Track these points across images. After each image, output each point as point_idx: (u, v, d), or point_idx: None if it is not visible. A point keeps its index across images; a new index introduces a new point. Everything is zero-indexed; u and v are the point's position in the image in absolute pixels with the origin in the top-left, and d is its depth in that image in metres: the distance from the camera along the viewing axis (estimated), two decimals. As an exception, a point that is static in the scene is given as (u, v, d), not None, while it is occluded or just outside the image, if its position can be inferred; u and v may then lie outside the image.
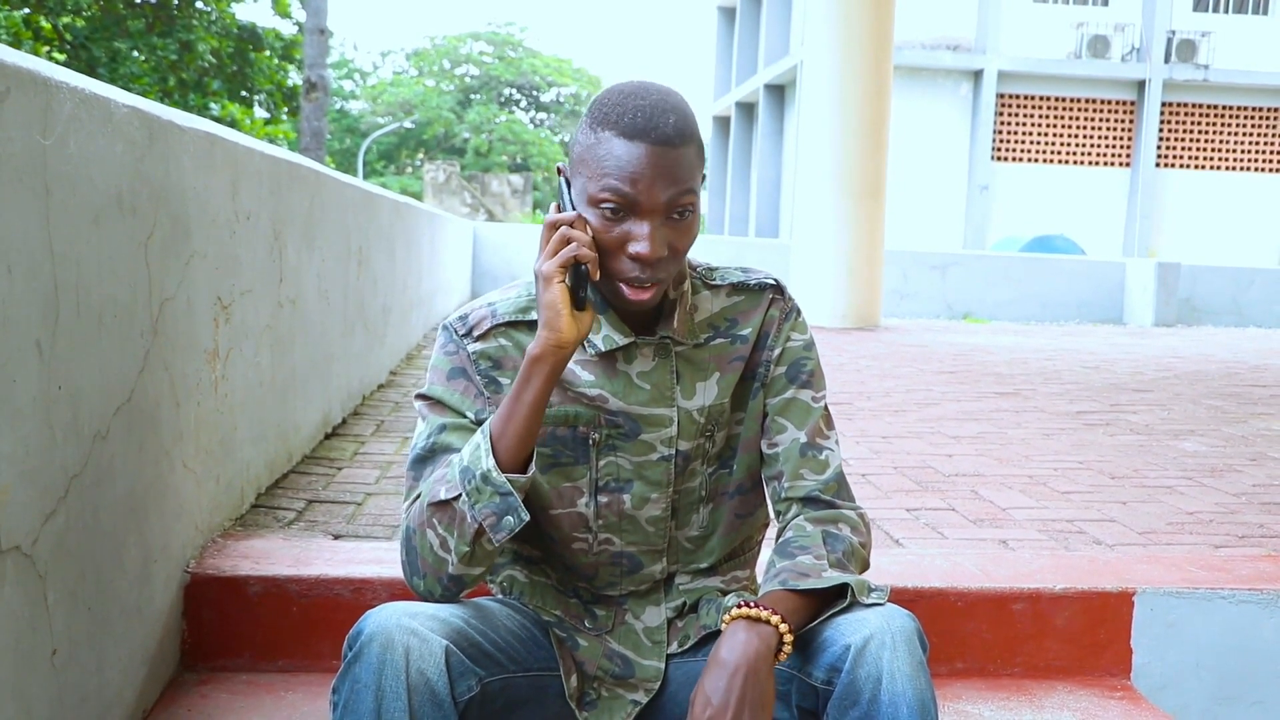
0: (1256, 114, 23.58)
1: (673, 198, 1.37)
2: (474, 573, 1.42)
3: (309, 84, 16.28)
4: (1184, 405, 5.07)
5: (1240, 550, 2.57)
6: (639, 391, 1.49)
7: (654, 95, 1.39)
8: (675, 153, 1.36)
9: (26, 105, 1.31)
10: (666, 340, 1.49)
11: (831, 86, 8.86)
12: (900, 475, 3.30)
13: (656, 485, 1.52)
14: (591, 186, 1.37)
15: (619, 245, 1.37)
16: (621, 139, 1.36)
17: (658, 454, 1.51)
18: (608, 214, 1.36)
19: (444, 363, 1.50)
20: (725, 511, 1.58)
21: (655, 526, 1.54)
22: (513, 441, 1.37)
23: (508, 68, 49.85)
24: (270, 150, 2.63)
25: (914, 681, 1.32)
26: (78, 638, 1.50)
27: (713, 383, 1.53)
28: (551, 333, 1.35)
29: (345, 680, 1.30)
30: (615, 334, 1.47)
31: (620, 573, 1.55)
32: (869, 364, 6.38)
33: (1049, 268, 13.25)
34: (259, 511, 2.52)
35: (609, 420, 1.49)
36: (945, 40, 22.76)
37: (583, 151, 1.39)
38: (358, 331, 4.08)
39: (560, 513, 1.52)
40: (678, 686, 1.55)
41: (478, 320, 1.50)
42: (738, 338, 1.55)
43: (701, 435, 1.53)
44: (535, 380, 1.37)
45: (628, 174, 1.35)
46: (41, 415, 1.36)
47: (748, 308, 1.56)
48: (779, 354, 1.56)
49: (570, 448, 1.50)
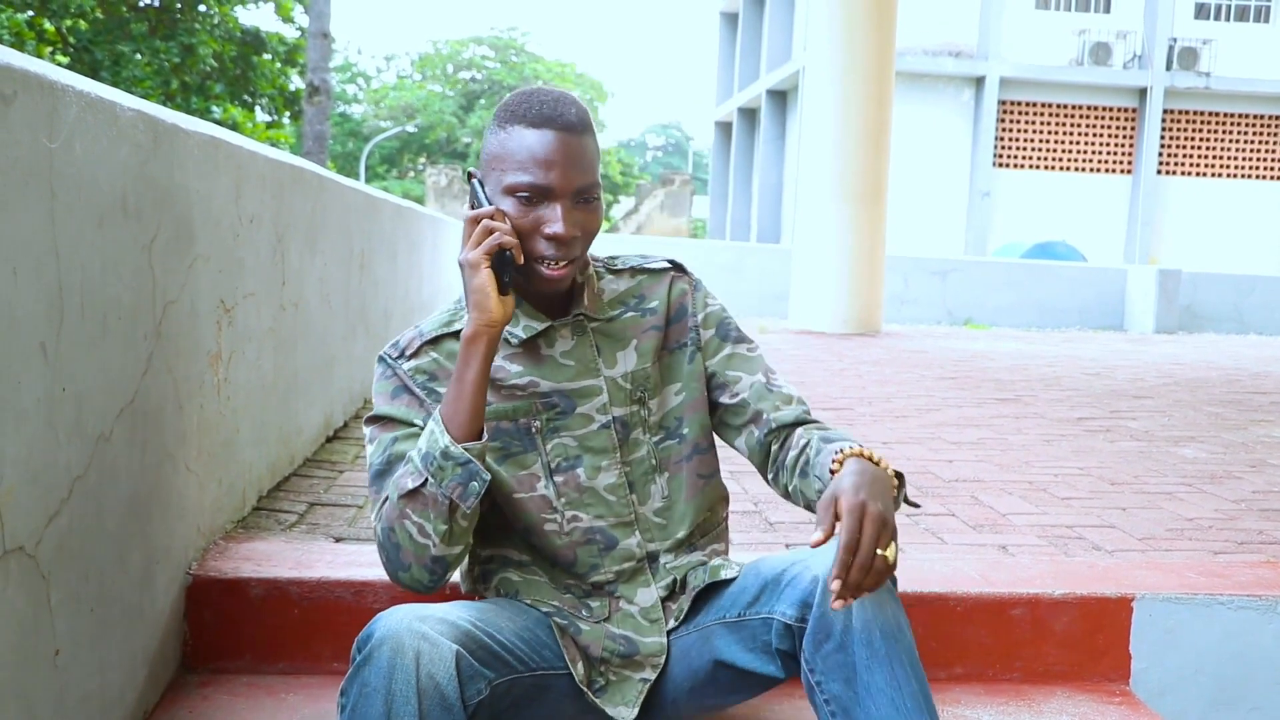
0: (1258, 121, 23.59)
1: (581, 183, 1.49)
2: (454, 551, 1.48)
3: (311, 88, 16.31)
4: (1184, 412, 5.07)
5: (1239, 556, 2.58)
6: (565, 369, 1.61)
7: (554, 92, 1.54)
8: (579, 140, 1.50)
9: (33, 108, 1.32)
10: (580, 316, 1.62)
11: (834, 92, 8.87)
12: (900, 481, 3.30)
13: (603, 453, 1.61)
14: (507, 178, 1.50)
15: (534, 228, 1.49)
16: (530, 128, 1.49)
17: (597, 423, 1.61)
18: (522, 200, 1.49)
19: (385, 386, 1.59)
20: (685, 476, 1.66)
21: (615, 495, 1.61)
22: (464, 418, 1.46)
23: (510, 72, 49.90)
24: (273, 154, 2.64)
25: (884, 608, 1.37)
26: (80, 638, 1.50)
27: (631, 350, 1.64)
28: (482, 313, 1.46)
29: (354, 683, 1.31)
30: (533, 322, 1.60)
31: (598, 550, 1.60)
32: (870, 369, 6.38)
33: (1050, 274, 13.26)
34: (261, 514, 2.53)
35: (545, 404, 1.60)
36: (947, 47, 22.78)
37: (494, 148, 1.52)
38: (359, 335, 4.09)
39: (524, 497, 1.59)
40: (681, 658, 1.59)
41: (408, 342, 1.61)
42: (646, 310, 1.67)
43: (632, 401, 1.63)
44: (474, 359, 1.47)
45: (540, 158, 1.48)
46: (45, 417, 1.37)
47: (651, 284, 1.70)
48: (703, 319, 1.70)
49: (517, 439, 1.60)
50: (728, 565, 1.62)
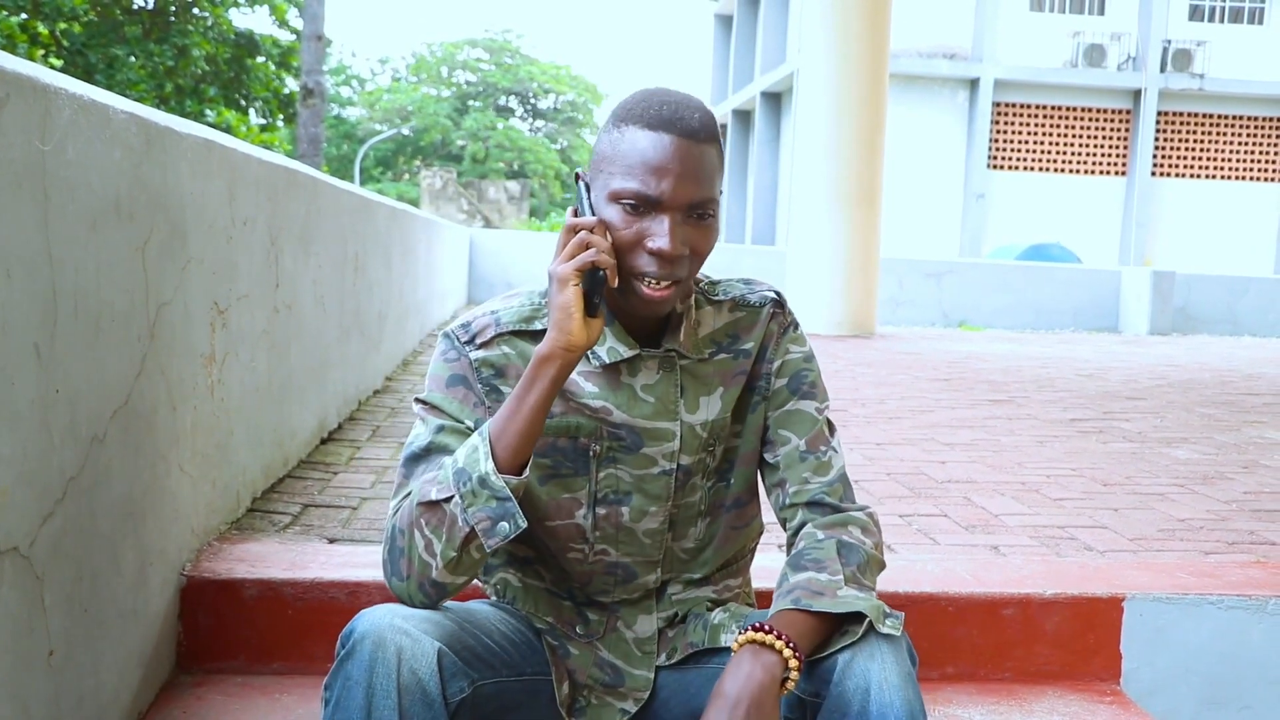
0: (1252, 123, 23.65)
1: (695, 197, 1.36)
2: (457, 581, 1.39)
3: (305, 90, 16.30)
4: (1177, 413, 5.08)
5: (1230, 557, 2.59)
6: (643, 405, 1.48)
7: (679, 94, 1.41)
8: (699, 148, 1.37)
9: (26, 111, 1.32)
10: (672, 353, 1.49)
11: (828, 94, 8.89)
12: (893, 481, 3.31)
13: (656, 499, 1.51)
14: (614, 182, 1.37)
15: (638, 241, 1.36)
16: (646, 130, 1.36)
17: (659, 468, 1.50)
18: (628, 209, 1.36)
19: (443, 370, 1.48)
20: (721, 524, 1.58)
21: (652, 539, 1.53)
22: (513, 442, 1.35)
23: (505, 75, 49.91)
24: (267, 156, 2.65)
25: (902, 692, 1.32)
26: (74, 639, 1.51)
27: (716, 397, 1.53)
28: (562, 335, 1.34)
29: (337, 678, 1.31)
30: (620, 346, 1.46)
31: (614, 582, 1.55)
32: (864, 371, 6.39)
33: (1044, 276, 13.28)
34: (255, 515, 2.53)
35: (611, 433, 1.48)
36: (942, 49, 22.81)
37: (605, 149, 1.40)
38: (354, 337, 4.09)
39: (557, 524, 1.51)
40: (667, 696, 1.55)
41: (481, 328, 1.48)
42: (740, 352, 1.54)
43: (704, 450, 1.53)
44: (541, 382, 1.35)
45: (652, 165, 1.35)
46: (39, 418, 1.37)
47: (749, 323, 1.56)
48: (778, 366, 1.56)
49: (570, 459, 1.49)
50: (728, 629, 1.53)
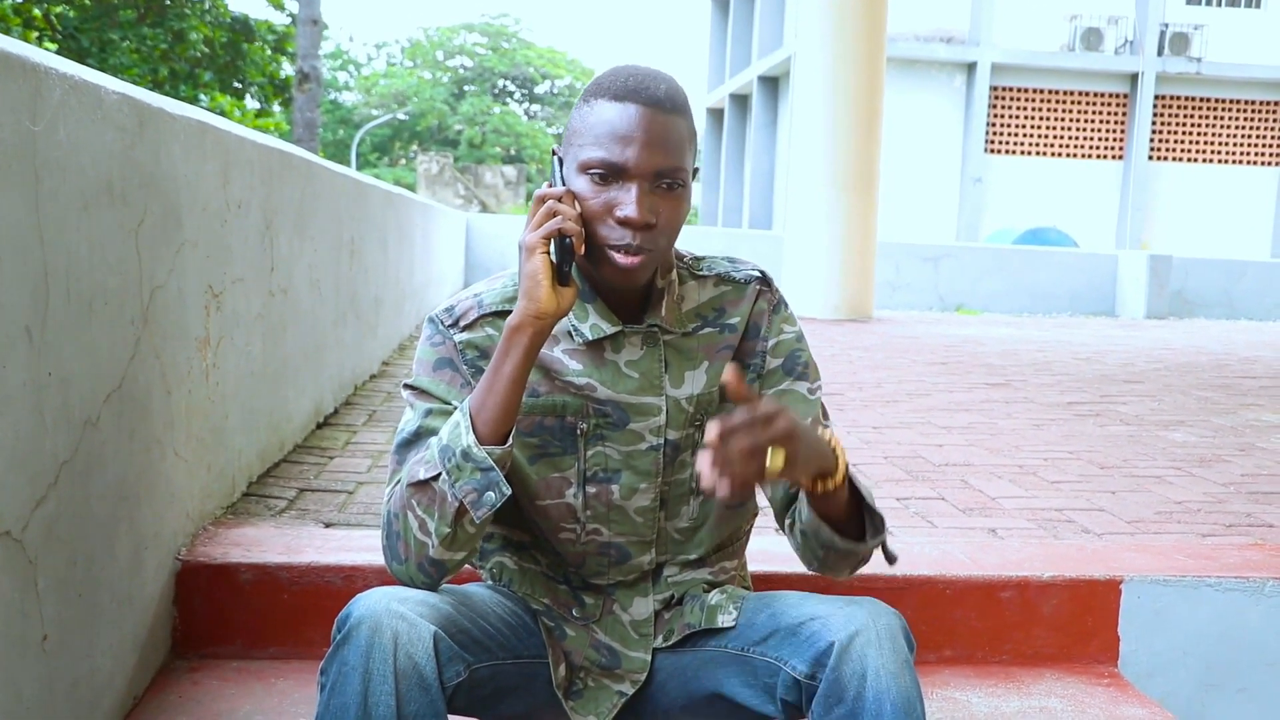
0: (1249, 107, 23.61)
1: (661, 165, 1.37)
2: (456, 558, 1.40)
3: (301, 75, 16.25)
4: (1174, 396, 5.08)
5: (1227, 539, 2.59)
6: (627, 380, 1.48)
7: (646, 68, 1.42)
8: (665, 117, 1.37)
9: (15, 91, 1.31)
10: (654, 328, 1.49)
11: (825, 79, 8.87)
12: (891, 465, 3.31)
13: (645, 475, 1.51)
14: (582, 153, 1.38)
15: (606, 211, 1.37)
16: (613, 101, 1.38)
17: (646, 443, 1.50)
18: (596, 179, 1.37)
19: (429, 354, 1.49)
20: (715, 504, 1.57)
21: (644, 517, 1.53)
22: (493, 414, 1.36)
23: (501, 59, 49.78)
24: (262, 139, 2.63)
25: (899, 679, 1.32)
26: (68, 624, 1.50)
27: (701, 371, 1.52)
28: (531, 303, 1.34)
29: (333, 662, 1.30)
30: (603, 323, 1.47)
31: (608, 562, 1.55)
32: (861, 355, 6.39)
33: (1041, 260, 13.28)
34: (250, 500, 2.52)
35: (597, 410, 1.48)
36: (939, 32, 22.75)
37: (575, 123, 1.41)
38: (349, 321, 4.08)
39: (548, 503, 1.51)
40: (664, 678, 1.55)
41: (464, 310, 1.49)
42: (726, 327, 1.54)
43: (690, 425, 1.52)
44: (515, 352, 1.36)
45: (619, 133, 1.36)
46: (32, 402, 1.36)
47: (735, 297, 1.56)
48: (773, 345, 1.56)
49: (558, 438, 1.49)
50: (725, 609, 1.53)
